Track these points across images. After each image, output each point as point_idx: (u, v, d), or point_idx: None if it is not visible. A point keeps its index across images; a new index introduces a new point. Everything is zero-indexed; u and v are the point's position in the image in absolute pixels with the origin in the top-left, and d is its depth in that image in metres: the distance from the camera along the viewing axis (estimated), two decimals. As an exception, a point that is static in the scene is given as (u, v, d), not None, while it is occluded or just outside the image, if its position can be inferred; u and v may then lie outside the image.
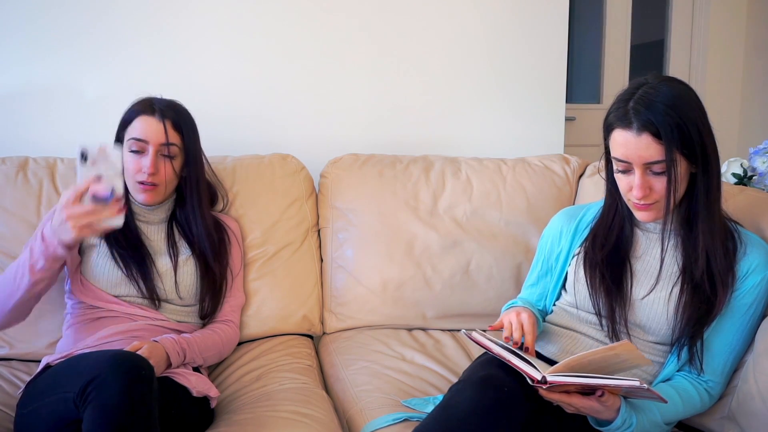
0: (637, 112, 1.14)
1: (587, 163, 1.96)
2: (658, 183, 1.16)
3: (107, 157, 1.16)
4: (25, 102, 1.86)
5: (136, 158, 1.44)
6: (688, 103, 1.15)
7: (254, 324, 1.70)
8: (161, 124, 1.45)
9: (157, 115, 1.46)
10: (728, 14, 3.45)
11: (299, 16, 2.02)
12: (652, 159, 1.14)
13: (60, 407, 1.11)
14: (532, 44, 2.19)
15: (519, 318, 1.24)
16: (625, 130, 1.16)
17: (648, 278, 1.27)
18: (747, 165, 1.74)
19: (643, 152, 1.14)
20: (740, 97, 3.49)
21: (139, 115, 1.46)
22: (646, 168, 1.16)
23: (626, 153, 1.16)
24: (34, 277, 1.26)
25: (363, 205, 1.83)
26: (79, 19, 1.87)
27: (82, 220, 1.16)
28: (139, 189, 1.45)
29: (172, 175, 1.47)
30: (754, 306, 1.21)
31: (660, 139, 1.12)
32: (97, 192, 1.16)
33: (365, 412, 1.36)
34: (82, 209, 1.16)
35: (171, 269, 1.48)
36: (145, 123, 1.45)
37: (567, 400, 1.10)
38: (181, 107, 1.53)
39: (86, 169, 1.16)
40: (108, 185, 1.16)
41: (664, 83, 1.17)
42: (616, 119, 1.18)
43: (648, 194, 1.17)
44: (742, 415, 1.19)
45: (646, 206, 1.19)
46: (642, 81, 1.19)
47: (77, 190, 1.16)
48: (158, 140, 1.44)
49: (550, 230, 1.45)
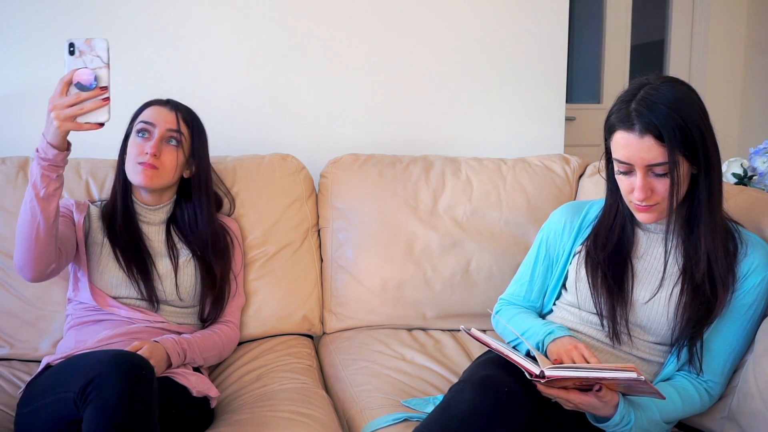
0: (640, 114, 1.13)
1: (587, 163, 1.96)
2: (660, 185, 1.16)
3: (93, 48, 1.15)
4: (25, 102, 1.86)
5: (141, 141, 1.45)
6: (690, 104, 1.14)
7: (254, 324, 1.70)
8: (173, 113, 1.48)
9: (169, 106, 1.50)
10: (728, 14, 3.45)
11: (299, 16, 2.02)
12: (655, 161, 1.14)
13: (60, 407, 1.11)
14: (532, 44, 2.19)
15: (579, 352, 1.19)
16: (628, 132, 1.15)
17: (649, 278, 1.27)
18: (747, 165, 1.74)
19: (646, 154, 1.14)
20: (740, 97, 3.49)
21: (151, 105, 1.50)
22: (648, 170, 1.15)
23: (628, 155, 1.16)
24: (41, 202, 1.22)
25: (363, 205, 1.83)
26: (80, 19, 1.87)
27: (65, 112, 1.13)
28: (139, 170, 1.43)
29: (173, 162, 1.46)
30: (754, 306, 1.21)
31: (662, 141, 1.12)
32: (80, 78, 1.15)
33: (365, 412, 1.36)
34: (66, 99, 1.14)
35: (171, 271, 1.48)
36: (155, 110, 1.49)
37: (565, 396, 1.10)
38: (190, 109, 1.55)
39: (72, 61, 1.15)
40: (92, 73, 1.15)
41: (666, 84, 1.16)
42: (618, 120, 1.17)
43: (650, 196, 1.17)
44: (742, 415, 1.19)
45: (648, 207, 1.19)
46: (643, 81, 1.18)
47: (62, 81, 1.15)
48: (166, 125, 1.46)
49: (552, 224, 1.43)
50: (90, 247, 1.47)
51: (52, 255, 1.32)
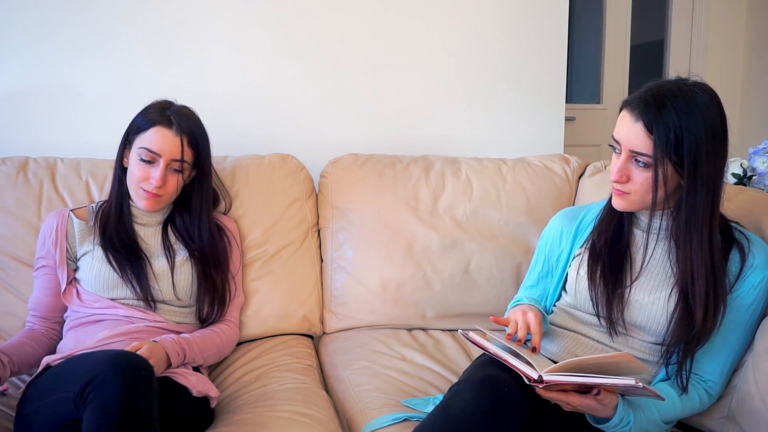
0: (645, 101, 1.15)
1: (587, 163, 1.96)
2: (639, 175, 1.17)
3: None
4: (25, 102, 1.86)
5: (145, 167, 1.43)
6: (700, 117, 1.12)
7: (254, 324, 1.70)
8: (178, 139, 1.43)
9: (174, 129, 1.43)
10: (728, 14, 3.45)
11: (300, 16, 2.02)
12: (638, 149, 1.15)
13: (60, 407, 1.11)
14: (532, 44, 2.19)
15: (525, 317, 1.24)
16: (629, 112, 1.17)
17: (648, 278, 1.26)
18: (747, 165, 1.74)
19: (633, 139, 1.15)
20: (740, 97, 3.49)
21: (155, 125, 1.43)
22: (631, 155, 1.17)
23: (619, 132, 1.18)
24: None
25: (363, 205, 1.83)
26: (80, 19, 1.87)
27: None
28: (143, 196, 1.44)
29: (176, 186, 1.47)
30: (753, 306, 1.21)
31: (651, 134, 1.13)
32: None
33: (365, 412, 1.36)
34: None
35: (168, 270, 1.48)
36: (160, 135, 1.42)
37: (564, 399, 1.10)
38: (197, 118, 1.51)
39: None
40: None
41: (696, 88, 1.15)
42: (630, 99, 1.19)
43: (624, 181, 1.18)
44: (741, 415, 1.19)
45: (621, 193, 1.20)
46: (682, 79, 1.19)
47: None
48: (171, 155, 1.43)
49: (550, 231, 1.45)
50: (81, 257, 1.47)
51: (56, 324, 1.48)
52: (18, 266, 1.59)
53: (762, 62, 3.38)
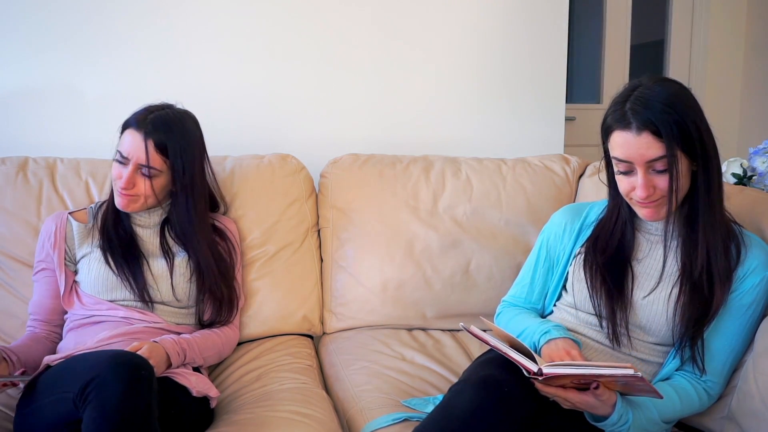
0: (636, 112, 1.14)
1: (587, 163, 1.96)
2: (661, 181, 1.17)
3: None
4: (24, 102, 1.86)
5: (118, 166, 1.44)
6: (685, 101, 1.16)
7: (254, 324, 1.70)
8: (143, 144, 1.41)
9: (142, 134, 1.41)
10: (728, 14, 3.45)
11: (300, 16, 2.02)
12: (654, 156, 1.14)
13: (60, 407, 1.11)
14: (532, 44, 2.19)
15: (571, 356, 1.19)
16: (625, 131, 1.16)
17: (649, 280, 1.27)
18: (747, 165, 1.74)
19: (645, 151, 1.14)
20: (740, 97, 3.49)
21: (128, 128, 1.44)
22: (648, 167, 1.16)
23: (627, 153, 1.16)
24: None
25: (363, 205, 1.83)
26: (80, 20, 1.87)
27: None
28: (119, 193, 1.44)
29: (150, 191, 1.44)
30: (753, 306, 1.22)
31: (660, 137, 1.13)
32: None
33: (365, 412, 1.36)
34: None
35: (167, 271, 1.48)
36: (129, 138, 1.42)
37: (563, 395, 1.11)
38: (177, 122, 1.46)
39: None
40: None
41: (659, 83, 1.17)
42: (614, 121, 1.18)
43: (652, 193, 1.17)
44: (742, 415, 1.19)
45: (651, 203, 1.19)
46: (636, 83, 1.20)
47: None
48: (136, 160, 1.42)
49: (553, 226, 1.44)
50: (80, 259, 1.47)
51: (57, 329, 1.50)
52: (17, 266, 1.59)
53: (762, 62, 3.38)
